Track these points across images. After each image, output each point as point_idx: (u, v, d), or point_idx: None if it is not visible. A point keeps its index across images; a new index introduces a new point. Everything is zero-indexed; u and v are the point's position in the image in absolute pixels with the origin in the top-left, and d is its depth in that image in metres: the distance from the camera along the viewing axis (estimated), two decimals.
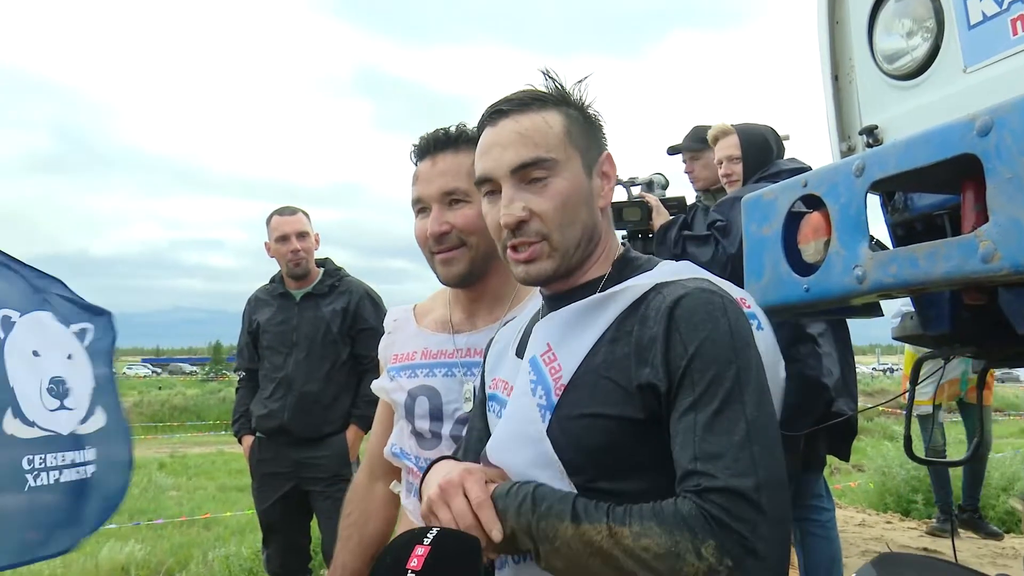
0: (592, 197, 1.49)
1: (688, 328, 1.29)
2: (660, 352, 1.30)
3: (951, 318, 2.20)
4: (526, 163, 1.43)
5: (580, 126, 1.49)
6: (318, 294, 4.52)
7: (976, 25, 1.91)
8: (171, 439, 26.23)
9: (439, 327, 2.00)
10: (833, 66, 2.43)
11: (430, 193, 1.86)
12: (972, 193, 1.65)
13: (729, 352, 1.28)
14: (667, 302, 1.32)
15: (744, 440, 1.23)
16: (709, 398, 1.26)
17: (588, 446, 1.34)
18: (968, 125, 1.52)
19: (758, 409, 1.27)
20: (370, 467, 2.17)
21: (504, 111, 1.47)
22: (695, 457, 1.23)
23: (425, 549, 1.13)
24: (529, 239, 1.44)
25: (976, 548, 6.10)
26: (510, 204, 1.43)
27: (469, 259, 1.86)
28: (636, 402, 1.31)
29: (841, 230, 1.83)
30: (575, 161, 1.46)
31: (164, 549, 8.29)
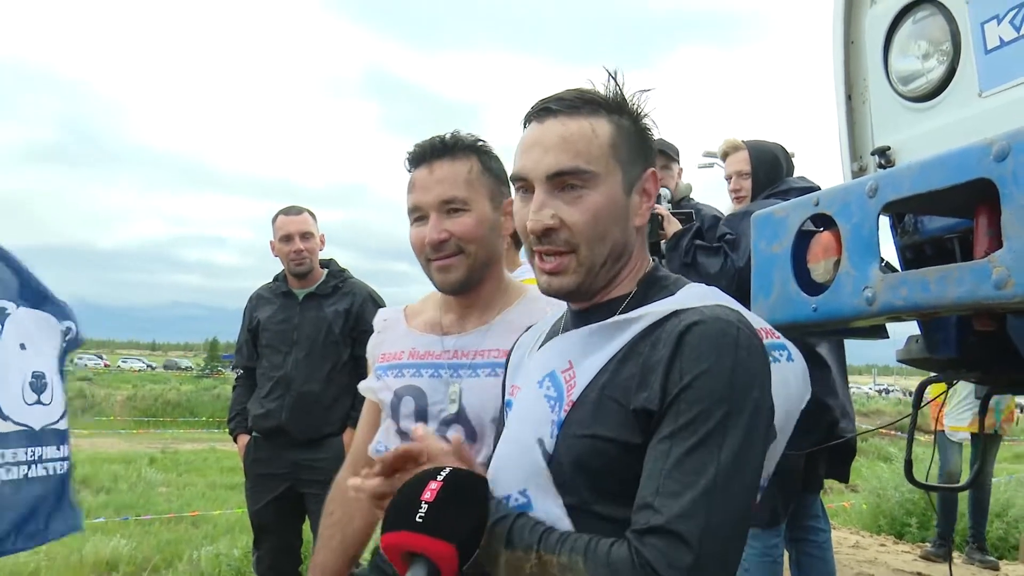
0: (628, 215, 1.42)
1: (691, 356, 1.24)
2: (660, 376, 1.25)
3: (957, 343, 2.19)
4: (563, 171, 1.37)
5: (629, 139, 1.42)
6: (321, 294, 4.50)
7: (993, 50, 1.90)
8: (163, 434, 26.16)
9: (428, 328, 2.00)
10: (847, 86, 2.43)
11: (428, 201, 1.86)
12: (986, 218, 1.64)
13: (725, 390, 1.22)
14: (680, 327, 1.28)
15: (709, 485, 1.18)
16: (688, 433, 1.21)
17: (587, 467, 1.31)
18: (985, 149, 1.51)
19: (735, 456, 1.20)
20: (353, 466, 2.14)
21: (553, 110, 1.41)
22: (656, 491, 1.19)
23: (438, 484, 1.18)
24: (556, 247, 1.39)
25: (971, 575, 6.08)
26: (540, 210, 1.38)
27: (467, 267, 1.87)
28: (633, 426, 1.27)
29: (852, 250, 1.82)
30: (615, 176, 1.40)
31: (151, 545, 8.24)
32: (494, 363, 1.85)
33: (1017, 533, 7.45)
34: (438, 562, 1.13)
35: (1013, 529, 7.54)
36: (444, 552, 1.13)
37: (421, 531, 1.14)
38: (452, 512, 1.16)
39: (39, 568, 7.06)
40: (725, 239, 3.54)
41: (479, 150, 1.92)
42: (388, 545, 1.17)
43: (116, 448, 19.96)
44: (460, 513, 1.17)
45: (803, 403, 1.43)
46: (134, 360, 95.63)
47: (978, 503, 6.79)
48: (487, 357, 1.88)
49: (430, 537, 1.14)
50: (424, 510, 1.15)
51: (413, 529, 1.14)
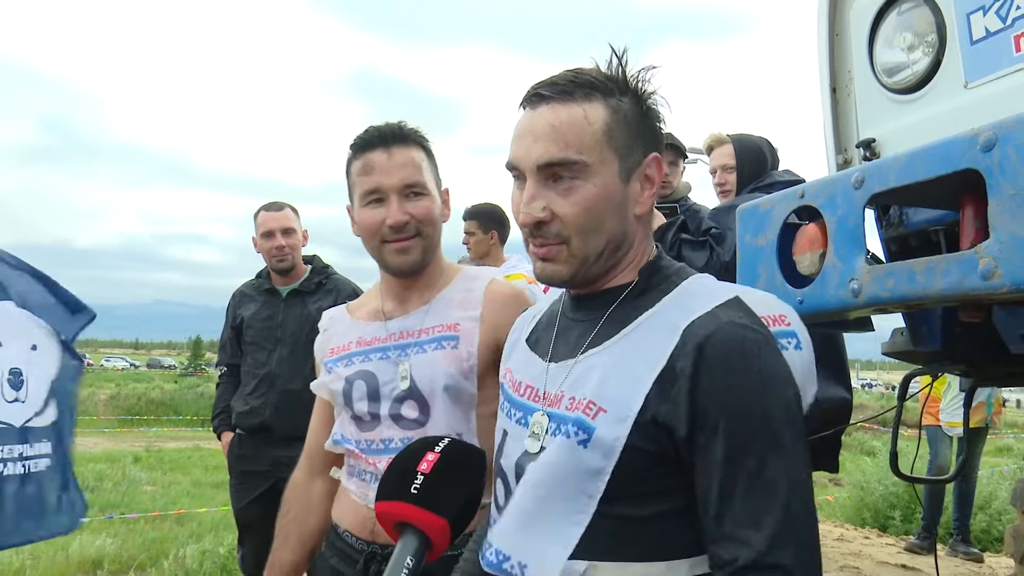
0: (625, 204, 1.35)
1: (718, 371, 1.20)
2: (685, 392, 1.20)
3: (942, 335, 2.19)
4: (553, 162, 1.31)
5: (627, 124, 1.34)
6: (305, 291, 4.47)
7: (979, 41, 1.90)
8: (147, 433, 26.02)
9: (372, 317, 2.07)
10: (832, 78, 2.43)
11: (391, 183, 1.91)
12: (972, 209, 1.64)
13: (763, 401, 1.19)
14: (697, 338, 1.22)
15: (784, 502, 1.16)
16: (743, 452, 1.18)
17: (589, 468, 1.26)
18: (971, 140, 1.51)
19: (792, 463, 1.19)
20: (309, 464, 2.19)
21: (544, 96, 1.34)
22: (736, 522, 1.16)
23: (435, 456, 1.19)
24: (548, 240, 1.34)
25: (954, 567, 6.12)
26: (531, 202, 1.33)
27: (422, 248, 1.95)
28: (646, 433, 1.23)
29: (838, 242, 1.82)
30: (610, 166, 1.32)
31: (137, 543, 8.19)
32: (438, 337, 1.93)
33: (1000, 525, 7.50)
34: (429, 534, 1.14)
35: (996, 521, 7.59)
36: (436, 525, 1.14)
37: (414, 503, 1.15)
38: (446, 485, 1.17)
39: (24, 567, 7.01)
40: (711, 233, 3.54)
41: (423, 141, 1.99)
42: (381, 513, 1.18)
43: (100, 447, 19.85)
44: (454, 487, 1.18)
45: (809, 396, 1.35)
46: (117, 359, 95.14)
47: (963, 496, 6.84)
48: (431, 333, 1.95)
49: (423, 509, 1.14)
50: (419, 482, 1.16)
51: (407, 500, 1.15)
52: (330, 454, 2.09)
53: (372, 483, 1.92)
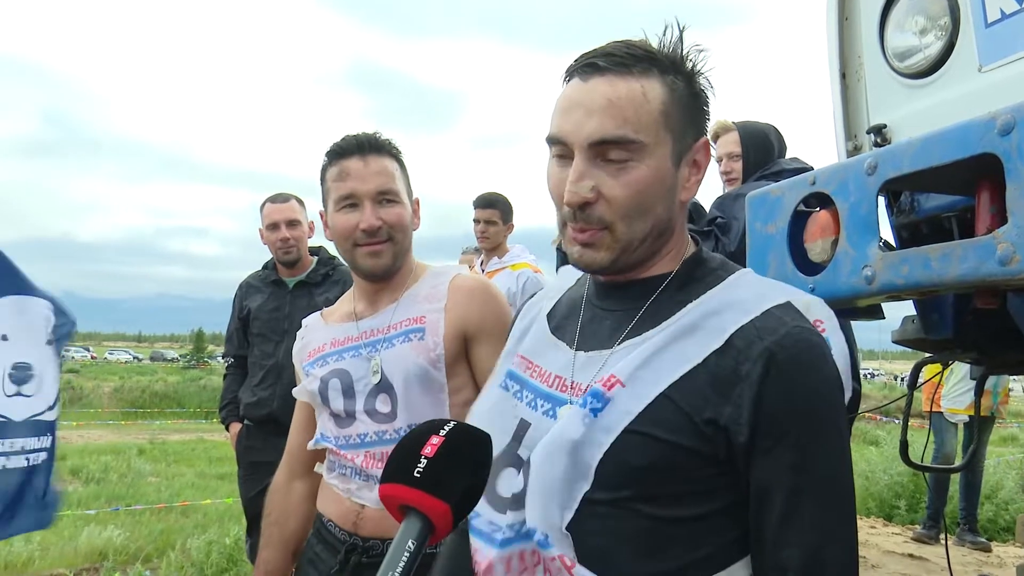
0: (674, 189, 1.29)
1: (791, 377, 1.17)
2: (750, 396, 1.16)
3: (954, 323, 2.17)
4: (608, 139, 1.22)
5: (682, 104, 1.27)
6: (311, 282, 4.46)
7: (994, 23, 1.87)
8: (151, 425, 26.08)
9: (344, 319, 2.15)
10: (841, 63, 2.40)
11: (366, 190, 1.99)
12: (988, 194, 1.62)
13: (831, 409, 1.19)
14: (765, 341, 1.18)
15: (848, 510, 1.20)
16: (812, 460, 1.17)
17: (630, 464, 1.21)
18: (988, 124, 1.48)
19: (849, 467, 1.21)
20: (289, 467, 2.26)
21: (600, 67, 1.25)
22: (802, 529, 1.16)
23: (439, 439, 1.17)
24: (589, 225, 1.26)
25: (962, 556, 6.10)
26: (579, 181, 1.24)
27: (393, 253, 2.03)
28: (698, 434, 1.19)
29: (850, 229, 1.80)
30: (665, 147, 1.25)
31: (142, 535, 8.21)
32: (406, 330, 2.01)
33: (1007, 514, 7.50)
34: (432, 518, 1.13)
35: (1003, 511, 7.58)
36: (438, 509, 1.13)
37: (417, 486, 1.13)
38: (450, 469, 1.15)
39: (32, 558, 7.03)
40: (716, 223, 3.51)
41: (396, 152, 2.08)
42: (384, 495, 1.16)
43: (105, 439, 19.90)
44: (458, 471, 1.16)
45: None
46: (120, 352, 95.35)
47: (970, 485, 6.82)
48: (399, 328, 2.02)
49: (426, 493, 1.13)
50: (423, 465, 1.14)
51: (410, 484, 1.14)
52: (311, 455, 2.16)
53: (353, 478, 1.99)
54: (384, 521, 1.89)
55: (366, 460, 1.96)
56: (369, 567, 1.91)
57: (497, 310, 2.02)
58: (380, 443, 1.96)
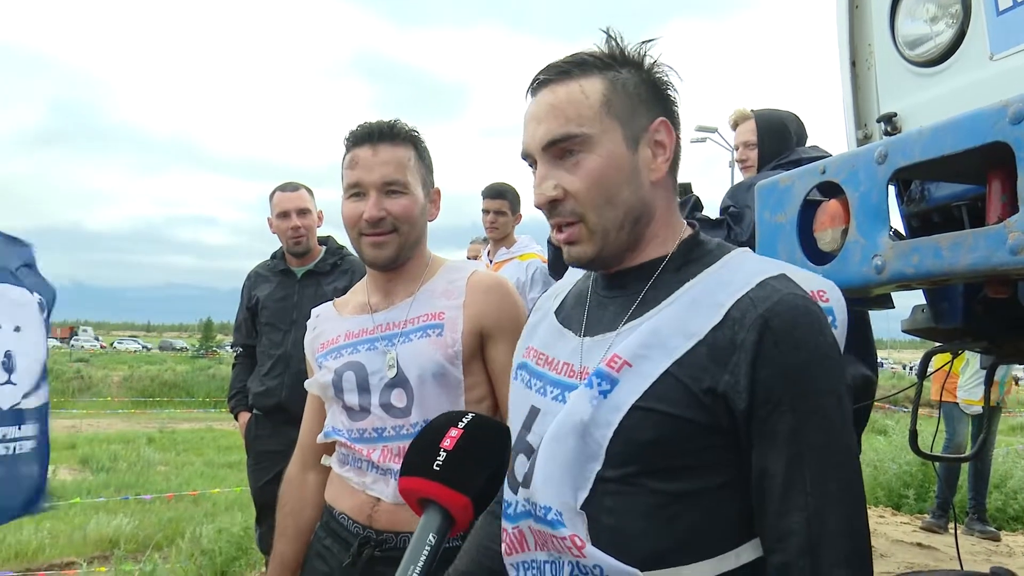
0: (637, 172, 1.34)
1: (787, 343, 1.20)
2: (747, 363, 1.20)
3: (964, 312, 2.17)
4: (555, 139, 1.32)
5: (627, 92, 1.34)
6: (320, 272, 4.47)
7: (1005, 11, 1.86)
8: (160, 414, 26.19)
9: (358, 311, 2.12)
10: (851, 52, 2.38)
11: (372, 180, 1.97)
12: (999, 183, 1.61)
13: (828, 375, 1.21)
14: (759, 309, 1.22)
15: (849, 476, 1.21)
16: (810, 426, 1.19)
17: (637, 440, 1.25)
18: (1000, 112, 1.47)
19: (851, 434, 1.23)
20: (302, 458, 2.25)
21: (543, 80, 1.36)
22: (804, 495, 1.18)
23: (458, 432, 1.19)
24: (564, 219, 1.34)
25: (971, 546, 6.10)
26: (541, 183, 1.34)
27: (398, 244, 2.01)
28: (698, 405, 1.22)
29: (860, 218, 1.79)
30: (613, 134, 1.32)
31: (152, 523, 8.27)
32: (424, 326, 1.99)
33: (1016, 504, 7.49)
34: (452, 511, 1.15)
35: (1012, 500, 7.57)
36: (458, 502, 1.15)
37: (437, 479, 1.15)
38: (469, 462, 1.17)
39: (43, 545, 7.08)
40: (728, 211, 3.49)
41: (415, 140, 2.05)
42: (404, 489, 1.18)
43: (114, 428, 20.00)
44: (477, 464, 1.18)
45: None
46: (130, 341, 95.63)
47: (979, 474, 6.82)
48: (417, 323, 2.00)
49: (446, 487, 1.15)
50: (442, 458, 1.16)
51: (430, 477, 1.15)
52: (323, 447, 2.15)
53: (369, 471, 1.97)
54: (399, 514, 1.90)
55: (383, 455, 1.95)
56: (382, 561, 1.91)
57: (514, 309, 2.01)
58: (397, 438, 1.95)
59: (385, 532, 1.94)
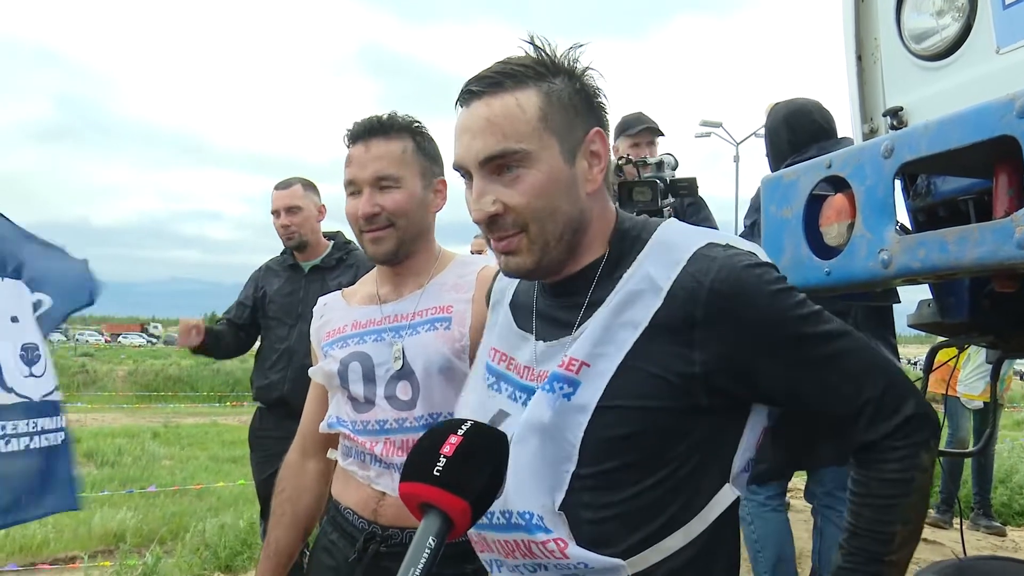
0: (575, 185, 1.35)
1: (743, 303, 1.26)
2: (714, 336, 1.26)
3: (970, 306, 2.16)
4: (493, 155, 1.32)
5: (562, 104, 1.35)
6: (325, 267, 4.49)
7: (1012, 4, 1.85)
8: (164, 409, 26.24)
9: (367, 301, 2.13)
10: (857, 45, 2.37)
11: (364, 177, 1.98)
12: (1006, 177, 1.60)
13: (790, 301, 1.29)
14: (704, 282, 1.26)
15: (869, 360, 1.30)
16: (812, 347, 1.28)
17: (610, 436, 1.29)
18: (1007, 105, 1.47)
19: (849, 331, 1.31)
20: (302, 446, 2.25)
21: (475, 92, 1.35)
22: (849, 400, 1.28)
23: (458, 439, 1.21)
24: (506, 232, 1.34)
25: (976, 541, 6.09)
26: (480, 198, 1.34)
27: (396, 239, 2.00)
28: (673, 391, 1.27)
29: (867, 213, 1.79)
30: (551, 149, 1.33)
31: (157, 517, 8.29)
32: (432, 319, 2.00)
33: (1021, 499, 7.48)
34: (451, 515, 1.17)
35: (1017, 495, 7.56)
36: (458, 507, 1.17)
37: (437, 484, 1.17)
38: (468, 468, 1.19)
39: (47, 540, 7.10)
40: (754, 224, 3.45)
41: (414, 131, 2.04)
42: (404, 494, 1.20)
43: (119, 422, 20.03)
44: (476, 469, 1.20)
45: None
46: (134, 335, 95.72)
47: (982, 469, 6.81)
48: (425, 316, 2.01)
49: (445, 491, 1.17)
50: (442, 464, 1.18)
51: (429, 482, 1.18)
52: (324, 436, 2.15)
53: (372, 464, 1.98)
54: (404, 510, 1.90)
55: (386, 448, 1.96)
56: (387, 556, 1.92)
57: None
58: (401, 431, 1.95)
59: (390, 528, 1.94)
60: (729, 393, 1.29)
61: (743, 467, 1.35)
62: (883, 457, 1.28)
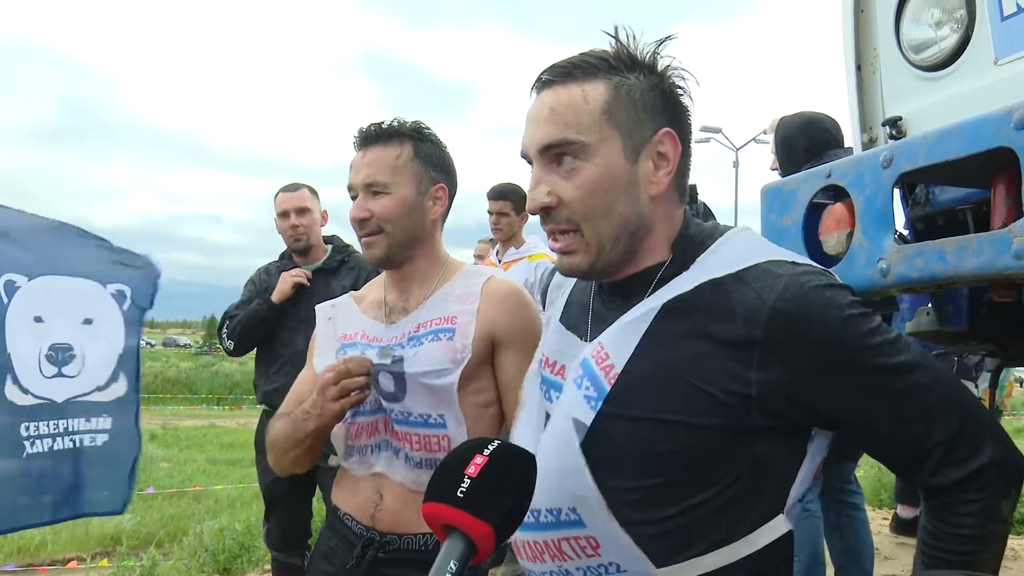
0: (635, 185, 1.29)
1: (809, 325, 1.18)
2: (777, 357, 1.18)
3: (969, 315, 2.18)
4: (551, 144, 1.28)
5: (631, 100, 1.28)
6: (327, 269, 4.50)
7: (1010, 16, 1.87)
8: (163, 411, 26.20)
9: (375, 310, 2.12)
10: (857, 55, 2.39)
11: (356, 182, 2.01)
12: (1004, 188, 1.62)
13: (864, 328, 1.20)
14: (768, 302, 1.19)
15: (946, 397, 1.21)
16: (881, 377, 1.19)
17: (658, 452, 1.23)
18: (1005, 117, 1.49)
19: (926, 361, 1.23)
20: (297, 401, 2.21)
21: (546, 81, 1.31)
22: (923, 436, 1.20)
23: (483, 459, 1.17)
24: (559, 226, 1.30)
25: None
26: (535, 187, 1.31)
27: (386, 244, 2.01)
28: (725, 410, 1.20)
29: (866, 222, 1.80)
30: (612, 143, 1.27)
31: (155, 520, 8.27)
32: (435, 330, 1.97)
33: (1021, 506, 7.46)
34: (475, 539, 1.13)
35: (1019, 503, 7.56)
36: (481, 531, 1.13)
37: (460, 507, 1.14)
38: (493, 490, 1.15)
39: (45, 542, 7.08)
40: None
41: (415, 137, 2.04)
42: (427, 514, 1.17)
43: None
44: (501, 492, 1.16)
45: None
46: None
47: None
48: (429, 327, 1.99)
49: (469, 514, 1.13)
50: (466, 485, 1.15)
51: (453, 504, 1.14)
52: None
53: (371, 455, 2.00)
54: (401, 515, 1.92)
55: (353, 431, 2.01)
56: (386, 562, 1.92)
57: (527, 319, 1.99)
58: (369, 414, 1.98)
59: (388, 534, 1.94)
60: (785, 416, 1.22)
61: (798, 498, 1.28)
62: (957, 510, 1.20)
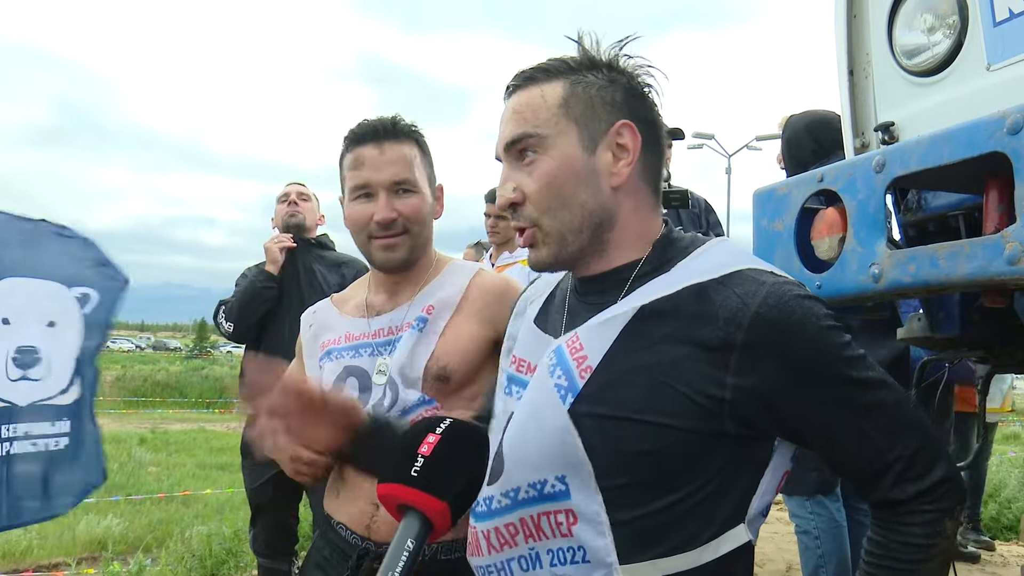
0: (596, 175, 1.32)
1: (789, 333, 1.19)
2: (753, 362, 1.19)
3: (961, 321, 2.17)
4: (513, 140, 1.34)
5: (588, 95, 1.32)
6: (322, 244, 4.62)
7: (1002, 22, 1.87)
8: (152, 414, 26.10)
9: (357, 311, 2.05)
10: (849, 61, 2.39)
11: (380, 180, 1.90)
12: (996, 193, 1.61)
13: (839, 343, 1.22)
14: (751, 306, 1.20)
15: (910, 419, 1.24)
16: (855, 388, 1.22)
17: (628, 452, 1.22)
18: (998, 122, 1.48)
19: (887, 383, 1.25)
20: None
21: (513, 87, 1.38)
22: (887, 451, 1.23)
23: (436, 438, 1.19)
24: (520, 223, 1.35)
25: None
26: (503, 184, 1.36)
27: (410, 246, 1.94)
28: (700, 413, 1.20)
29: (858, 227, 1.79)
30: (568, 136, 1.31)
31: (142, 524, 8.22)
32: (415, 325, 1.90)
33: (1010, 513, 7.48)
34: (430, 516, 1.15)
35: (1006, 509, 7.55)
36: (436, 508, 1.15)
37: (415, 485, 1.16)
38: (447, 468, 1.17)
39: (31, 546, 7.03)
40: None
41: (417, 137, 1.99)
42: (383, 495, 1.19)
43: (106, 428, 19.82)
44: (455, 469, 1.18)
45: None
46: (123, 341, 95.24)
47: (974, 484, 6.81)
48: (413, 324, 1.92)
49: (423, 492, 1.15)
50: (420, 464, 1.17)
51: (407, 483, 1.16)
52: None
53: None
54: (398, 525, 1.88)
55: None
56: None
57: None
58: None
59: (384, 544, 1.87)
60: (755, 424, 1.23)
61: (761, 510, 1.29)
62: (908, 520, 1.23)
